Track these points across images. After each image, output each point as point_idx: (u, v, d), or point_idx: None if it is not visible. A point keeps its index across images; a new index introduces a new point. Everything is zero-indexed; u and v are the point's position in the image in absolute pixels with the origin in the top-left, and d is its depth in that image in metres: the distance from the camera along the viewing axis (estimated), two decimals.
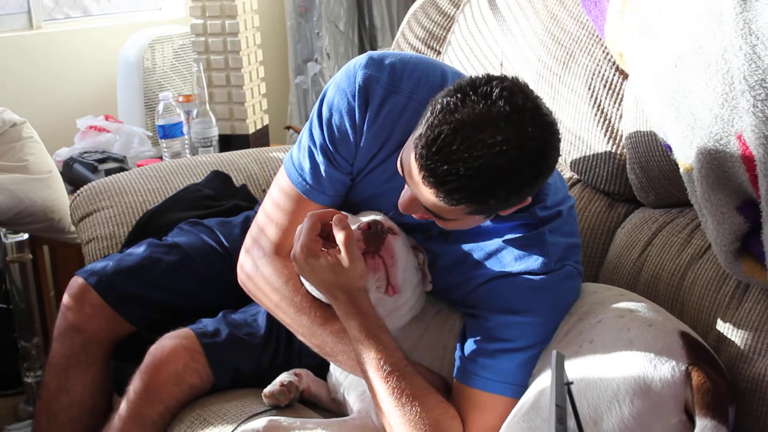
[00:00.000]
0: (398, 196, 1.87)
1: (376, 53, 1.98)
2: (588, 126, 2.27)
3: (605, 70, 2.27)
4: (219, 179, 2.70)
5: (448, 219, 1.75)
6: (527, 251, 1.88)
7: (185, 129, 3.45)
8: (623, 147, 2.21)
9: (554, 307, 1.87)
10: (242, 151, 3.02)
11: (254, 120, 3.67)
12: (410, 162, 1.69)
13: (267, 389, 1.99)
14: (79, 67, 4.14)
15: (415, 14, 2.90)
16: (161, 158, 3.41)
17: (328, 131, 1.96)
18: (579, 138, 2.30)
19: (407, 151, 1.73)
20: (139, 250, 2.34)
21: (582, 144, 2.30)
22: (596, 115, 2.26)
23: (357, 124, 1.94)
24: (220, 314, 2.16)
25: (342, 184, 2.01)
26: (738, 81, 1.73)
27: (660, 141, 2.03)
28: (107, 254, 2.51)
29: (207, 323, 2.12)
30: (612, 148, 2.24)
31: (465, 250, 1.94)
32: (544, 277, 1.87)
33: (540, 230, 1.89)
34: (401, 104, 1.92)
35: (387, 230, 1.89)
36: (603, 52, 2.29)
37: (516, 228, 1.90)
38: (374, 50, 2.02)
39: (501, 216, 1.85)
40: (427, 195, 1.69)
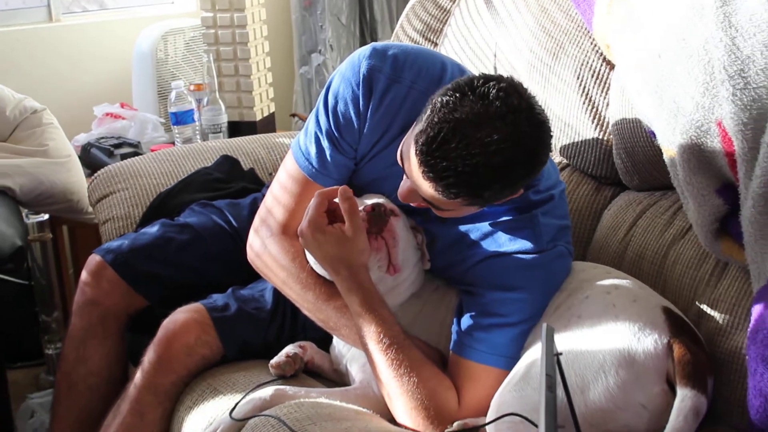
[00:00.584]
0: (400, 180, 1.88)
1: (380, 44, 1.97)
2: (576, 113, 2.27)
3: (593, 61, 2.27)
4: (228, 163, 2.69)
5: (445, 209, 1.76)
6: (521, 232, 1.89)
7: (196, 116, 3.44)
8: (610, 133, 2.20)
9: (545, 285, 1.88)
10: (250, 137, 3.02)
11: (261, 108, 3.67)
12: (410, 156, 1.69)
13: (273, 360, 1.99)
14: (96, 58, 4.14)
15: (414, 8, 2.89)
16: (173, 143, 3.41)
17: (334, 118, 1.96)
18: (568, 125, 2.30)
19: (407, 146, 1.73)
20: (153, 230, 2.34)
21: (571, 130, 2.30)
22: (584, 103, 2.26)
23: (361, 112, 1.94)
24: (230, 290, 2.16)
25: (346, 169, 2.01)
26: (718, 71, 1.73)
27: (644, 128, 2.03)
28: (123, 233, 2.50)
29: (217, 298, 2.12)
30: (599, 135, 2.24)
31: (462, 231, 1.94)
32: (537, 257, 1.87)
33: (533, 213, 1.89)
34: (403, 93, 1.92)
35: (389, 212, 1.89)
36: (591, 44, 2.28)
37: (510, 211, 1.90)
38: (375, 42, 2.01)
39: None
40: (426, 188, 1.69)
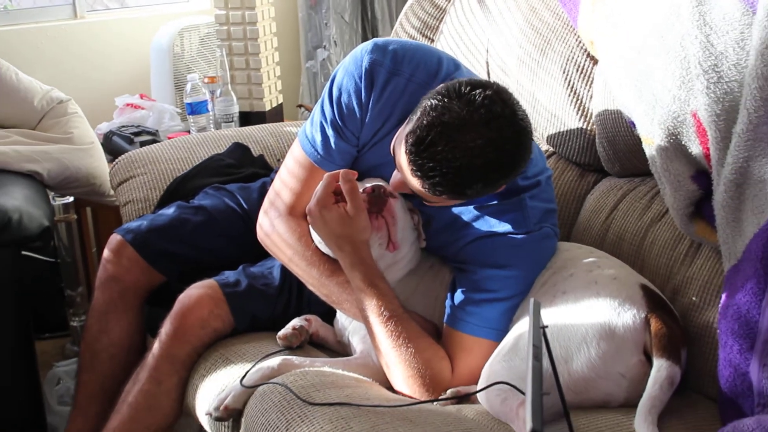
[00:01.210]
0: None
1: (381, 40, 1.98)
2: (562, 105, 2.26)
3: (578, 56, 2.26)
4: (239, 150, 2.69)
5: (433, 201, 1.79)
6: (510, 214, 1.89)
7: (210, 106, 3.44)
8: (593, 124, 2.20)
9: (533, 263, 1.88)
10: (259, 126, 3.01)
11: (270, 99, 3.66)
12: (400, 153, 1.72)
13: (281, 332, 1.99)
14: (117, 52, 4.13)
15: (412, 6, 2.89)
16: (189, 132, 3.40)
17: (338, 108, 1.96)
18: (554, 116, 2.30)
19: (398, 143, 1.75)
20: (170, 211, 2.34)
21: (557, 121, 2.30)
22: (569, 96, 2.25)
23: (363, 103, 1.94)
24: (240, 267, 2.16)
25: (349, 155, 2.01)
26: (694, 66, 1.73)
27: (625, 118, 2.03)
28: (142, 215, 2.50)
29: (229, 275, 2.12)
30: (583, 125, 2.23)
31: (455, 213, 1.94)
32: (525, 237, 1.87)
33: (521, 196, 1.90)
34: (402, 85, 1.92)
35: (388, 194, 1.89)
36: (576, 41, 2.27)
37: (501, 195, 1.89)
38: (376, 38, 2.01)
39: None
40: (414, 183, 1.72)
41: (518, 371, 1.63)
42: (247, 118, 3.56)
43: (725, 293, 1.68)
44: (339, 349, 2.06)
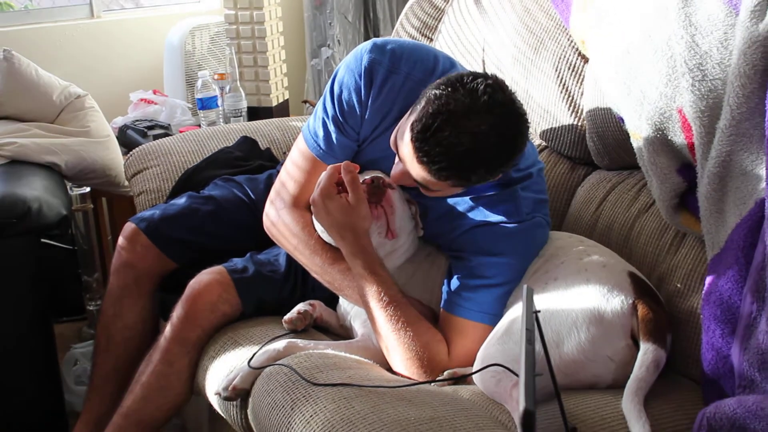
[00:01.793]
0: (396, 160, 1.88)
1: (380, 40, 1.97)
2: (554, 101, 2.26)
3: (570, 55, 2.25)
4: (247, 143, 2.68)
5: (433, 190, 1.78)
6: (503, 204, 1.89)
7: (219, 102, 3.43)
8: (584, 119, 2.19)
9: (525, 251, 1.88)
10: (266, 120, 3.01)
11: (277, 95, 3.65)
12: (405, 143, 1.71)
13: (286, 316, 1.99)
14: (132, 50, 4.13)
15: (412, 7, 2.88)
16: (199, 126, 3.40)
17: (339, 105, 1.96)
18: (547, 111, 2.29)
19: (401, 132, 1.74)
20: (181, 201, 2.34)
21: (549, 116, 2.29)
22: (561, 93, 2.25)
23: (363, 100, 1.94)
24: (248, 254, 2.16)
25: (350, 150, 2.01)
26: (680, 64, 1.72)
27: (614, 114, 2.02)
28: (155, 204, 2.50)
29: (237, 262, 2.12)
30: (574, 121, 2.23)
31: (451, 204, 1.94)
32: (517, 226, 1.87)
33: (514, 187, 1.89)
34: (400, 83, 1.92)
35: (387, 184, 1.89)
36: (568, 40, 2.27)
37: (494, 186, 1.90)
38: (376, 38, 2.01)
39: None
40: (418, 171, 1.71)
41: (512, 354, 1.63)
42: (255, 113, 3.55)
43: (708, 280, 1.68)
44: (341, 333, 2.06)
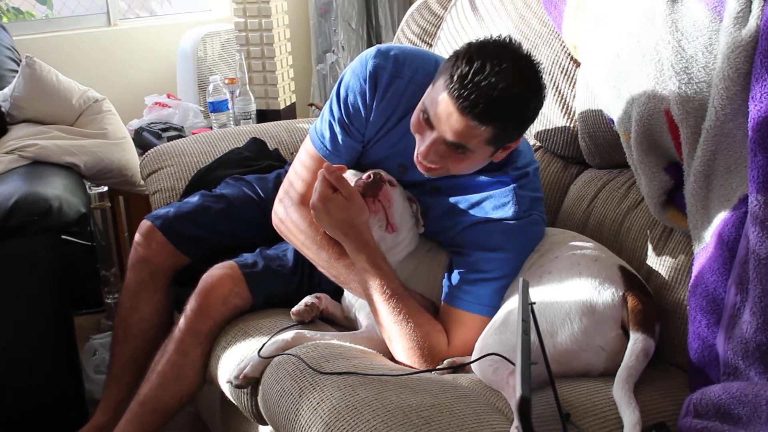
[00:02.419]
0: (401, 159, 1.89)
1: (383, 46, 1.98)
2: (548, 104, 2.25)
3: (562, 60, 2.25)
4: (256, 144, 2.68)
5: (465, 150, 1.75)
6: (502, 202, 1.88)
7: (230, 105, 3.43)
8: (576, 121, 2.19)
9: (522, 246, 1.87)
10: (274, 123, 3.01)
11: (284, 98, 3.65)
12: (440, 101, 1.71)
13: (294, 309, 1.99)
14: (147, 56, 4.13)
15: (412, 15, 2.88)
16: (211, 128, 3.40)
17: (345, 108, 1.96)
18: (541, 113, 2.24)
19: (433, 97, 1.73)
20: (194, 200, 2.34)
21: (543, 118, 2.29)
22: (555, 95, 2.25)
23: (368, 103, 1.94)
24: (258, 250, 2.15)
25: (355, 150, 2.01)
26: (666, 68, 1.72)
27: (605, 116, 2.02)
28: (169, 203, 2.50)
29: (247, 257, 2.12)
30: (567, 122, 2.23)
31: (452, 202, 1.94)
32: (515, 223, 1.87)
33: (511, 186, 1.89)
34: (403, 86, 1.92)
35: (385, 180, 1.90)
36: (560, 45, 2.26)
37: (493, 184, 1.90)
38: (380, 44, 2.01)
39: (483, 172, 1.88)
40: (458, 124, 1.70)
41: (509, 344, 1.63)
42: (264, 116, 3.55)
43: (694, 273, 1.68)
44: (346, 324, 2.05)
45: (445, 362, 1.78)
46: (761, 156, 1.49)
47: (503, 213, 1.87)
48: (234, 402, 1.95)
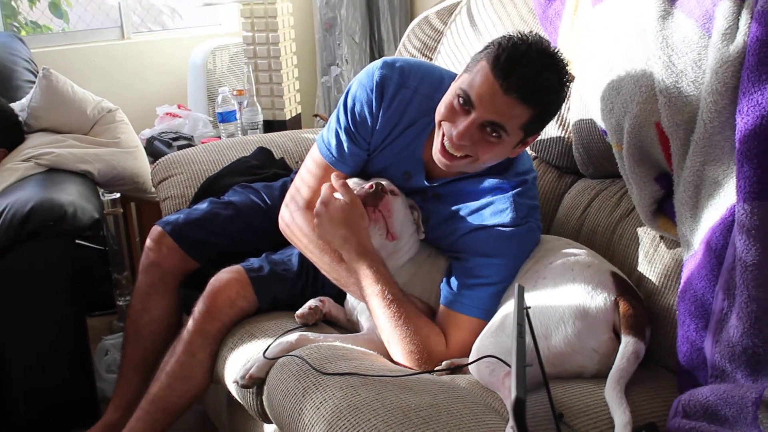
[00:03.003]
0: (405, 167, 1.91)
1: (389, 58, 1.99)
2: None
3: None
4: (263, 153, 2.69)
5: (501, 133, 1.76)
6: (500, 209, 1.88)
7: (238, 115, 3.43)
8: (570, 132, 2.19)
9: (519, 253, 1.87)
10: (280, 132, 3.01)
11: (290, 109, 3.66)
12: (482, 83, 1.72)
13: (298, 311, 1.99)
14: (159, 68, 4.14)
15: (413, 29, 2.88)
16: (220, 137, 3.40)
17: (351, 117, 1.97)
18: None
19: (472, 81, 1.74)
20: (203, 206, 2.34)
21: None
22: None
23: (374, 112, 1.94)
24: (264, 255, 2.15)
25: (360, 158, 2.01)
26: (658, 82, 1.72)
27: (598, 127, 2.02)
28: (179, 209, 2.50)
29: (253, 261, 2.12)
30: (562, 133, 2.23)
31: (452, 209, 1.94)
32: (512, 230, 1.86)
33: (510, 194, 1.89)
34: (408, 96, 1.92)
35: (387, 190, 1.91)
36: None
37: (493, 191, 1.90)
38: (385, 57, 2.02)
39: (486, 174, 1.90)
40: (501, 104, 1.71)
41: (504, 346, 1.63)
42: (270, 126, 3.56)
43: (683, 279, 1.68)
44: (348, 327, 2.05)
45: (444, 363, 1.77)
46: (748, 167, 1.49)
47: (501, 219, 1.87)
48: (240, 401, 1.95)
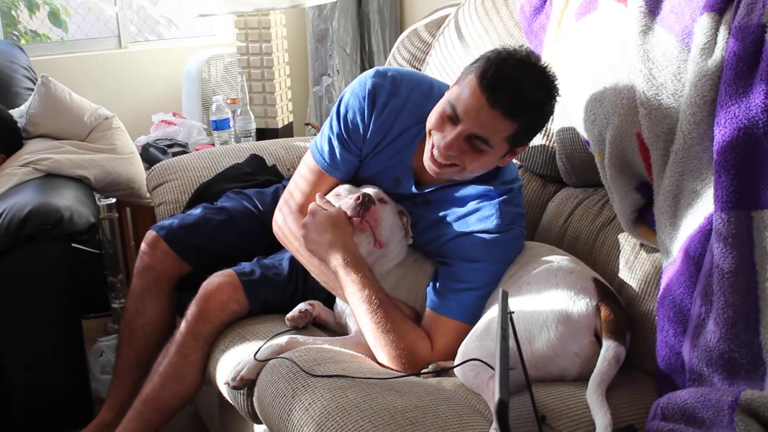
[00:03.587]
0: (396, 173, 1.90)
1: (382, 68, 2.00)
2: None
3: None
4: (256, 160, 2.68)
5: (486, 146, 1.76)
6: (486, 216, 1.88)
7: (231, 123, 3.42)
8: (554, 142, 2.19)
9: (503, 258, 1.87)
10: (273, 140, 3.01)
11: (282, 118, 3.65)
12: (469, 96, 1.72)
13: (289, 314, 1.99)
14: (155, 77, 4.13)
15: (403, 41, 2.88)
16: (213, 144, 3.39)
17: (344, 124, 1.97)
18: None
19: (460, 93, 1.74)
20: (197, 212, 2.33)
21: None
22: None
23: (366, 120, 1.95)
24: (255, 259, 2.15)
25: (352, 164, 2.02)
26: (638, 94, 1.73)
27: (581, 138, 2.02)
28: (173, 214, 2.49)
29: (245, 265, 2.11)
30: (546, 143, 2.23)
31: (440, 215, 1.94)
32: (497, 236, 1.86)
33: (496, 201, 1.89)
34: (400, 105, 1.93)
35: (374, 200, 1.90)
36: None
37: (479, 198, 1.90)
38: (377, 67, 2.03)
39: (474, 182, 1.90)
40: (487, 117, 1.71)
41: (489, 350, 1.63)
42: (263, 134, 3.55)
43: (662, 286, 1.68)
44: (338, 330, 2.05)
45: (430, 366, 1.77)
46: (725, 177, 1.49)
47: (487, 225, 1.87)
48: (231, 402, 1.94)
